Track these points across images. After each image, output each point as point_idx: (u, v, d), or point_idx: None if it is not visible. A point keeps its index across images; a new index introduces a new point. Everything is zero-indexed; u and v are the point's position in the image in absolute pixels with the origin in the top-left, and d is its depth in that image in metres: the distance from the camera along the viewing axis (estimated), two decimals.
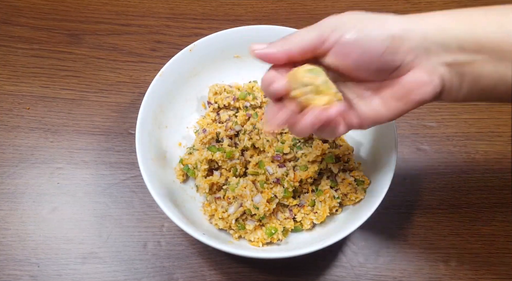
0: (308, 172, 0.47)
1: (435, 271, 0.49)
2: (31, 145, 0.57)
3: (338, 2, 0.68)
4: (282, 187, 0.47)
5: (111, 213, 0.53)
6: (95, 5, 0.68)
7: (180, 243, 0.51)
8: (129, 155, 0.56)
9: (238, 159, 0.49)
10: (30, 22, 0.66)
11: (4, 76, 0.62)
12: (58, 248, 0.51)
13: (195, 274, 0.49)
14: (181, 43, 0.64)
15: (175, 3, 0.69)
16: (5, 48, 0.64)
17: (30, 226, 0.52)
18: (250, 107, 0.54)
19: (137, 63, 0.63)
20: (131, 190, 0.54)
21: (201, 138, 0.52)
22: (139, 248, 0.51)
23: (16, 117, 0.59)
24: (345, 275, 0.49)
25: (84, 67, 0.63)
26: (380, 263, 0.50)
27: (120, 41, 0.65)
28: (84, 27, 0.66)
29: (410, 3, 0.69)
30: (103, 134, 0.58)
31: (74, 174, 0.55)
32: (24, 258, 0.50)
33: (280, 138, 0.49)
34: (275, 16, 0.68)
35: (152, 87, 0.50)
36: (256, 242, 0.47)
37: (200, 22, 0.67)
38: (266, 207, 0.45)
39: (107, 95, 0.61)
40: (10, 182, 0.54)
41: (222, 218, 0.47)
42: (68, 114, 0.59)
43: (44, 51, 0.64)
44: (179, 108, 0.55)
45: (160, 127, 0.52)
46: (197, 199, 0.51)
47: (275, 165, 0.48)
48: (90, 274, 0.49)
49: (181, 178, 0.51)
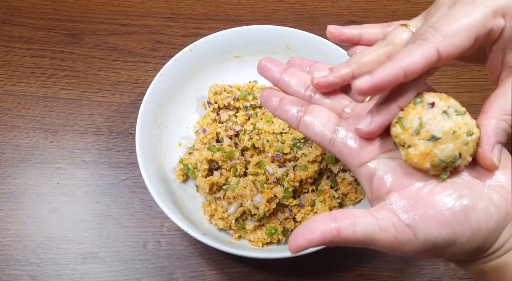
0: (308, 172, 0.47)
1: (435, 271, 0.49)
2: (31, 145, 0.57)
3: (338, 2, 0.68)
4: (282, 187, 0.47)
5: (111, 213, 0.53)
6: (95, 5, 0.68)
7: (180, 243, 0.51)
8: (129, 155, 0.56)
9: (238, 159, 0.49)
10: (30, 22, 0.66)
11: (4, 76, 0.62)
12: (58, 248, 0.51)
13: (195, 274, 0.49)
14: (181, 43, 0.64)
15: (175, 3, 0.69)
16: (5, 48, 0.64)
17: (30, 226, 0.52)
18: (250, 107, 0.54)
19: (137, 63, 0.63)
20: (131, 190, 0.54)
21: (201, 138, 0.52)
22: (139, 248, 0.51)
23: (16, 117, 0.59)
24: (345, 275, 0.49)
25: (84, 67, 0.63)
26: (380, 263, 0.50)
27: (120, 41, 0.65)
28: (84, 27, 0.66)
29: (410, 3, 0.69)
30: (103, 134, 0.58)
31: (74, 174, 0.55)
32: (24, 258, 0.50)
33: (280, 138, 0.49)
34: (275, 16, 0.68)
35: (152, 87, 0.50)
36: (256, 242, 0.47)
37: (200, 22, 0.67)
38: (266, 207, 0.45)
39: (107, 95, 0.61)
40: (10, 182, 0.54)
41: (222, 218, 0.47)
42: (68, 114, 0.59)
43: (44, 51, 0.64)
44: (179, 108, 0.55)
45: (160, 127, 0.52)
46: (197, 199, 0.51)
47: (275, 165, 0.48)
48: (90, 274, 0.49)
49: (181, 178, 0.51)
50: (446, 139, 0.26)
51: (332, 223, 0.26)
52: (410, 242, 0.25)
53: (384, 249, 0.26)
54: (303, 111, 0.31)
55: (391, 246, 0.26)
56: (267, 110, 0.34)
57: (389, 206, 0.26)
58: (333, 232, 0.26)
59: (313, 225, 0.26)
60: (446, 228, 0.25)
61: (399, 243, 0.25)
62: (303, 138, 0.49)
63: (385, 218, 0.26)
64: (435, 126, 0.26)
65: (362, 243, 0.26)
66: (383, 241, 0.26)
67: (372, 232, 0.26)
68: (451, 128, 0.26)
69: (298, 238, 0.26)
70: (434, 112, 0.26)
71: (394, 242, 0.26)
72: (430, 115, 0.26)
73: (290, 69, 0.33)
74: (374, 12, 0.67)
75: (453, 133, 0.26)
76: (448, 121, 0.26)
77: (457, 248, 0.26)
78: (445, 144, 0.26)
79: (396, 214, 0.26)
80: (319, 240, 0.26)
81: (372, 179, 0.28)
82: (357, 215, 0.26)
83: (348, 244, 0.26)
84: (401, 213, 0.26)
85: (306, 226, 0.26)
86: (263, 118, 0.50)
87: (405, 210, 0.26)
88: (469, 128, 0.26)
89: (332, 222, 0.26)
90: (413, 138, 0.26)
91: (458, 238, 0.25)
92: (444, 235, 0.25)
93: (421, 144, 0.26)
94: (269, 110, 0.33)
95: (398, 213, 0.26)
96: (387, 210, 0.26)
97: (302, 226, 0.27)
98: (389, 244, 0.26)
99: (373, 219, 0.26)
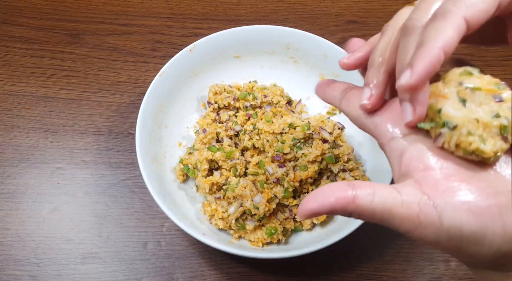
0: (308, 172, 0.47)
1: (435, 271, 0.49)
2: (31, 145, 0.57)
3: (338, 2, 0.68)
4: (282, 187, 0.47)
5: (111, 213, 0.53)
6: (95, 5, 0.68)
7: (180, 243, 0.51)
8: (129, 155, 0.56)
9: (238, 159, 0.49)
10: (30, 22, 0.66)
11: (4, 76, 0.62)
12: (58, 248, 0.51)
13: (195, 274, 0.49)
14: (181, 43, 0.64)
15: (175, 3, 0.69)
16: (5, 48, 0.64)
17: (30, 226, 0.52)
18: (250, 107, 0.54)
19: (137, 63, 0.63)
20: (131, 190, 0.54)
21: (201, 138, 0.52)
22: (139, 248, 0.51)
23: (16, 117, 0.59)
24: (345, 275, 0.49)
25: (84, 67, 0.63)
26: (380, 263, 0.50)
27: (120, 41, 0.65)
28: (84, 27, 0.66)
29: (410, 3, 0.69)
30: (103, 134, 0.58)
31: (74, 174, 0.55)
32: (24, 258, 0.50)
33: (280, 138, 0.49)
34: (275, 16, 0.68)
35: (152, 87, 0.50)
36: (256, 242, 0.47)
37: (200, 22, 0.67)
38: (266, 207, 0.45)
39: (107, 95, 0.61)
40: (10, 182, 0.54)
41: (222, 218, 0.47)
42: (68, 114, 0.59)
43: (44, 51, 0.64)
44: (179, 108, 0.55)
45: (160, 127, 0.52)
46: (197, 199, 0.51)
47: (275, 165, 0.48)
48: (90, 274, 0.49)
49: (181, 178, 0.51)
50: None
51: (349, 190, 0.24)
52: (433, 225, 0.23)
53: (401, 228, 0.24)
54: (349, 89, 0.31)
55: (410, 225, 0.23)
56: (267, 110, 0.34)
57: (417, 184, 0.24)
58: (348, 198, 0.24)
59: (328, 190, 0.24)
60: (477, 218, 0.22)
61: (420, 223, 0.23)
62: (303, 138, 0.49)
63: (410, 194, 0.23)
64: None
65: (379, 216, 0.24)
66: (402, 218, 0.23)
67: (392, 205, 0.23)
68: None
69: (309, 201, 0.24)
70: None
71: (415, 221, 0.23)
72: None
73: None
74: (374, 12, 0.68)
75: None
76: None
77: (485, 247, 0.23)
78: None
79: (425, 193, 0.23)
80: (332, 205, 0.24)
81: (403, 154, 0.26)
82: (379, 186, 0.24)
83: (362, 217, 0.24)
84: (429, 192, 0.23)
85: (321, 191, 0.24)
86: (263, 118, 0.50)
87: (435, 190, 0.23)
88: None
89: (350, 189, 0.24)
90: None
91: (488, 234, 0.22)
92: (473, 226, 0.22)
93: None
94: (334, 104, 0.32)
95: (426, 191, 0.23)
96: (414, 187, 0.24)
97: (317, 191, 0.25)
98: (409, 222, 0.23)
99: (396, 192, 0.24)
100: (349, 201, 0.23)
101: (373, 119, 0.28)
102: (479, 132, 0.24)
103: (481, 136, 0.24)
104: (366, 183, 0.24)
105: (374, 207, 0.23)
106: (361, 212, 0.24)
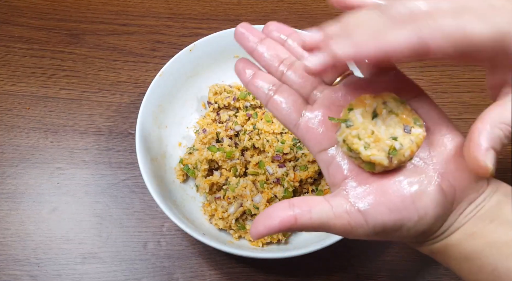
0: (308, 172, 0.47)
1: (435, 271, 0.49)
2: (31, 145, 0.57)
3: None
4: (282, 187, 0.47)
5: (111, 213, 0.53)
6: (95, 5, 0.68)
7: (180, 243, 0.51)
8: (129, 155, 0.56)
9: (238, 159, 0.49)
10: (30, 22, 0.66)
11: (4, 76, 0.62)
12: (58, 248, 0.51)
13: (195, 274, 0.49)
14: (181, 43, 0.64)
15: (175, 3, 0.69)
16: (5, 48, 0.64)
17: (30, 226, 0.52)
18: (250, 107, 0.54)
19: (137, 63, 0.63)
20: (131, 190, 0.54)
21: (201, 138, 0.52)
22: (139, 248, 0.51)
23: (16, 117, 0.59)
24: (345, 275, 0.49)
25: (84, 67, 0.63)
26: (380, 263, 0.50)
27: (120, 41, 0.65)
28: (84, 27, 0.66)
29: None
30: (103, 134, 0.58)
31: (74, 174, 0.55)
32: (24, 258, 0.50)
33: (280, 138, 0.49)
34: (275, 16, 0.68)
35: (152, 87, 0.50)
36: (256, 242, 0.47)
37: (200, 22, 0.67)
38: (266, 207, 0.45)
39: (107, 95, 0.61)
40: (10, 182, 0.54)
41: (222, 218, 0.47)
42: (68, 114, 0.59)
43: (44, 51, 0.64)
44: (179, 108, 0.55)
45: (160, 127, 0.52)
46: (197, 199, 0.51)
47: (275, 165, 0.48)
48: (90, 274, 0.49)
49: (181, 178, 0.51)
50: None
51: (290, 211, 0.27)
52: (361, 227, 0.27)
53: (338, 234, 0.28)
54: (273, 90, 0.31)
55: (345, 231, 0.27)
56: (267, 110, 0.34)
57: (344, 192, 0.28)
58: (290, 219, 0.27)
59: (272, 212, 0.27)
60: (394, 214, 0.26)
61: (352, 228, 0.27)
62: None
63: (339, 205, 0.27)
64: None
65: (319, 229, 0.27)
66: (337, 227, 0.27)
67: (327, 219, 0.27)
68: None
69: (259, 225, 0.27)
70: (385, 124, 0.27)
71: (347, 227, 0.27)
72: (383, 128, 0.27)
73: (267, 40, 0.33)
74: None
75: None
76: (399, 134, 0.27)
77: (404, 232, 0.27)
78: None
79: (349, 201, 0.27)
80: (278, 227, 0.27)
81: (330, 165, 0.29)
82: (314, 203, 0.27)
83: (306, 230, 0.28)
84: (354, 200, 0.27)
85: (266, 214, 0.27)
86: (263, 118, 0.50)
87: (358, 196, 0.27)
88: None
89: (290, 210, 0.27)
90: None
91: (405, 223, 0.27)
92: (392, 221, 0.26)
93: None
94: (242, 83, 0.33)
95: (351, 199, 0.27)
96: (341, 196, 0.27)
97: (263, 213, 0.28)
98: (343, 229, 0.27)
99: (328, 205, 0.27)
100: (292, 222, 0.27)
101: (301, 132, 0.30)
102: (368, 140, 0.27)
103: (367, 144, 0.27)
104: (303, 201, 0.27)
105: (313, 222, 0.27)
106: (302, 228, 0.27)
